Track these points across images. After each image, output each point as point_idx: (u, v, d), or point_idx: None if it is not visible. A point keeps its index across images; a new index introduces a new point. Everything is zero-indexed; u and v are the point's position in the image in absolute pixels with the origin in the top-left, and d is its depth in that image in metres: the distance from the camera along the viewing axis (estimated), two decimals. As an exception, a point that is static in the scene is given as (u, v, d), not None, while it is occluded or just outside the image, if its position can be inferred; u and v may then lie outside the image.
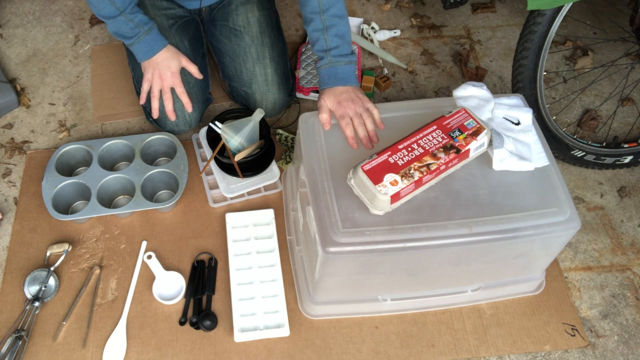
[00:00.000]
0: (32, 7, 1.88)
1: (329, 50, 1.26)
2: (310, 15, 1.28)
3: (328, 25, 1.26)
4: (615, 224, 1.47)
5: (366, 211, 1.03)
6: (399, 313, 1.28)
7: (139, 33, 1.32)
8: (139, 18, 1.32)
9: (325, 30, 1.26)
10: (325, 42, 1.26)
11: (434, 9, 1.94)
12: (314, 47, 1.29)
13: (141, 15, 1.33)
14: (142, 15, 1.33)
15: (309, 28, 1.29)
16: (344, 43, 1.27)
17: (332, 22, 1.26)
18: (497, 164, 1.10)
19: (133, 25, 1.31)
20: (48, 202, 1.34)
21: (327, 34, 1.26)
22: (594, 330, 1.29)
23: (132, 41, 1.34)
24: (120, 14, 1.29)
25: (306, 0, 1.27)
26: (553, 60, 1.80)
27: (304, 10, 1.29)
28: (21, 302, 1.27)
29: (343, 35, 1.27)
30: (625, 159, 1.52)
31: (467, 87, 1.20)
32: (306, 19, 1.30)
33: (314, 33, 1.28)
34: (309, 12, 1.28)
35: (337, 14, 1.27)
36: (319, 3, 1.26)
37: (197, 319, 1.25)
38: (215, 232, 1.39)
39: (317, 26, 1.27)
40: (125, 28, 1.32)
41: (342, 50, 1.27)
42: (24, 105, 1.64)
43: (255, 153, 1.37)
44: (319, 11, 1.26)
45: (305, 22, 1.30)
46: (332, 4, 1.26)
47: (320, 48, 1.28)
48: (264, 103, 1.50)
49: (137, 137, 1.46)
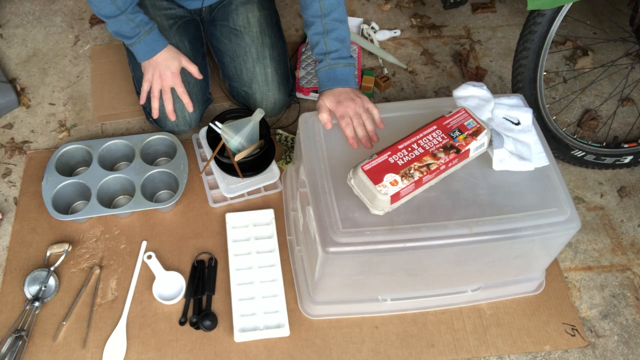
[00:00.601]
0: (32, 7, 1.88)
1: (329, 54, 1.27)
2: (312, 19, 1.28)
3: (329, 29, 1.26)
4: (615, 224, 1.47)
5: (366, 211, 1.03)
6: (399, 313, 1.28)
7: (140, 33, 1.32)
8: (140, 18, 1.32)
9: (325, 33, 1.26)
10: (325, 46, 1.27)
11: (434, 9, 1.93)
12: (313, 50, 1.30)
13: (142, 15, 1.33)
14: (143, 15, 1.33)
15: (310, 31, 1.30)
16: (343, 47, 1.28)
17: (333, 26, 1.27)
18: (497, 164, 1.10)
19: (134, 25, 1.31)
20: (48, 202, 1.34)
21: (327, 38, 1.26)
22: (594, 330, 1.29)
23: (132, 41, 1.34)
24: (121, 14, 1.29)
25: (308, 4, 1.27)
26: (553, 60, 1.80)
27: (306, 13, 1.29)
28: (21, 302, 1.27)
29: (343, 40, 1.28)
30: (625, 159, 1.52)
31: (467, 87, 1.20)
32: (307, 22, 1.30)
33: (314, 36, 1.29)
34: (310, 16, 1.28)
35: (338, 18, 1.27)
36: (321, 7, 1.26)
37: (197, 319, 1.25)
38: (215, 232, 1.39)
39: (318, 30, 1.27)
40: (126, 28, 1.32)
41: (342, 53, 1.27)
42: (24, 105, 1.64)
43: (255, 153, 1.37)
44: (320, 15, 1.26)
45: (306, 25, 1.31)
46: (333, 8, 1.26)
47: (319, 51, 1.28)
48: (264, 103, 1.50)
49: (137, 137, 1.46)
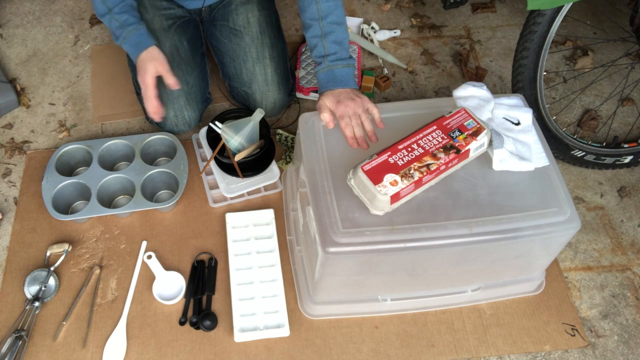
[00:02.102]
0: (32, 7, 1.88)
1: (327, 56, 1.27)
2: (309, 22, 1.28)
3: (327, 32, 1.26)
4: (615, 224, 1.47)
5: (366, 211, 1.03)
6: (399, 313, 1.28)
7: (123, 33, 1.33)
8: (125, 18, 1.32)
9: (323, 36, 1.26)
10: (324, 48, 1.27)
11: (434, 9, 1.93)
12: (312, 52, 1.30)
13: (127, 16, 1.32)
14: (129, 15, 1.33)
15: (308, 34, 1.30)
16: (341, 49, 1.28)
17: (331, 29, 1.27)
18: (497, 164, 1.10)
19: (118, 24, 1.32)
20: (48, 202, 1.34)
21: (325, 41, 1.27)
22: (594, 330, 1.29)
23: (119, 41, 1.35)
24: (108, 12, 1.31)
25: (305, 7, 1.27)
26: (553, 60, 1.80)
27: (303, 16, 1.29)
28: (21, 302, 1.27)
29: (341, 42, 1.28)
30: (625, 159, 1.52)
31: (467, 87, 1.20)
32: (305, 25, 1.30)
33: (312, 39, 1.29)
34: (308, 19, 1.28)
35: (335, 21, 1.27)
36: (318, 10, 1.26)
37: (197, 319, 1.25)
38: (215, 232, 1.39)
39: (316, 32, 1.27)
40: (114, 26, 1.33)
41: (340, 55, 1.27)
42: (24, 105, 1.64)
43: (255, 153, 1.37)
44: (317, 18, 1.26)
45: (305, 28, 1.31)
46: (330, 11, 1.26)
47: (318, 54, 1.28)
48: (264, 103, 1.50)
49: (137, 137, 1.46)
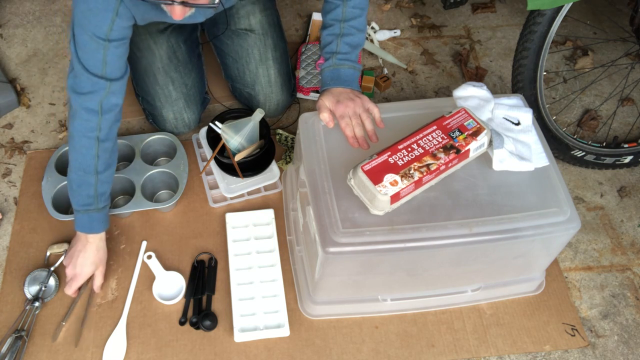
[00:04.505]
0: (32, 7, 1.88)
1: (337, 54, 1.26)
2: (331, 22, 1.27)
3: (345, 33, 1.26)
4: (615, 224, 1.47)
5: (366, 211, 1.03)
6: (399, 313, 1.28)
7: (92, 204, 1.20)
8: (103, 190, 1.21)
9: (341, 36, 1.26)
10: (337, 46, 1.26)
11: (434, 9, 1.93)
12: (323, 48, 1.29)
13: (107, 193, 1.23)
14: (108, 194, 1.23)
15: (325, 32, 1.28)
16: (353, 52, 1.27)
17: (350, 32, 1.26)
18: (497, 164, 1.10)
19: (93, 193, 1.19)
20: (48, 202, 1.34)
21: (340, 40, 1.26)
22: (594, 330, 1.29)
23: (79, 208, 1.20)
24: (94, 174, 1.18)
25: (332, 9, 1.26)
26: (553, 60, 1.80)
27: (327, 17, 1.28)
28: (21, 302, 1.27)
29: (355, 46, 1.27)
30: (625, 159, 1.52)
31: (467, 87, 1.20)
32: (326, 24, 1.29)
33: (328, 36, 1.28)
34: (330, 19, 1.27)
35: (356, 26, 1.26)
36: (344, 12, 1.25)
37: (197, 319, 1.25)
38: (215, 232, 1.39)
39: (335, 31, 1.26)
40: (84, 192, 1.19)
41: (349, 56, 1.26)
42: (24, 105, 1.64)
43: (255, 153, 1.37)
44: (340, 19, 1.26)
45: (323, 27, 1.29)
46: (355, 16, 1.26)
47: (329, 50, 1.27)
48: (267, 104, 1.50)
49: (137, 137, 1.46)
